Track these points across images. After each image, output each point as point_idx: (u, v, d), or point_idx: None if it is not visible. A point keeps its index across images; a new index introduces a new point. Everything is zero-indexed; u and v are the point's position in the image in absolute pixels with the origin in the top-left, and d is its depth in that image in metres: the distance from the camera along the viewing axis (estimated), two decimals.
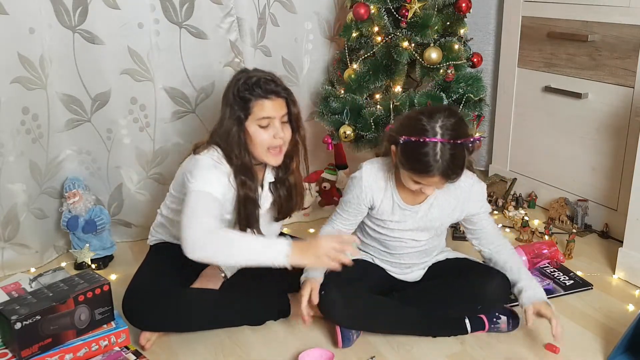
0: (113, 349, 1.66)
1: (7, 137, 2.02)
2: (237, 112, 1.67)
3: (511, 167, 2.86)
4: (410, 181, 1.58)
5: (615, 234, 2.34)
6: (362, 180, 1.70)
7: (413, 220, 1.71)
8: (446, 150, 1.49)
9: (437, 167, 1.50)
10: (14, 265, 2.16)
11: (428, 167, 1.50)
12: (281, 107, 1.70)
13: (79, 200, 2.16)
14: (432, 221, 1.72)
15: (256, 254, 1.57)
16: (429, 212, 1.71)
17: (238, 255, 1.58)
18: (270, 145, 1.69)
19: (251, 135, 1.68)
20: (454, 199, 1.70)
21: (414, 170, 1.54)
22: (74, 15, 2.05)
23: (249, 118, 1.67)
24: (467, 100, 2.24)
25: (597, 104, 2.36)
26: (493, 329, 1.74)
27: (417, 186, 1.58)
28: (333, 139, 2.43)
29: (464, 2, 2.25)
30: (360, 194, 1.70)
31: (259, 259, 1.56)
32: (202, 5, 2.21)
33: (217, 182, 1.66)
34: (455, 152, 1.50)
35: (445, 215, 1.73)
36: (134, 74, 2.19)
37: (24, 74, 2.02)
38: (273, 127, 1.68)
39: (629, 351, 1.63)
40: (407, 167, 1.56)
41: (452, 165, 1.50)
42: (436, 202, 1.70)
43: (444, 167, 1.50)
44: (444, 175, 1.51)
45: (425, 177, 1.53)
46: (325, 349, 1.66)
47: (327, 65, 2.64)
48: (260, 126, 1.68)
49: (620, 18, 2.21)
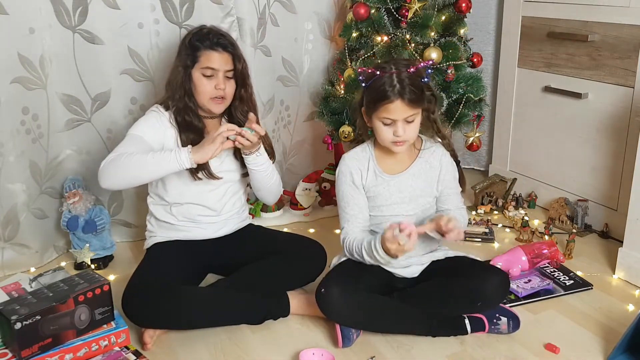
0: (113, 349, 1.66)
1: (7, 137, 2.02)
2: (185, 60, 1.82)
3: (511, 167, 2.86)
4: (381, 125, 1.66)
5: (615, 234, 2.34)
6: (344, 165, 1.79)
7: (397, 190, 1.75)
8: (402, 76, 1.62)
9: (396, 91, 1.61)
10: (14, 265, 2.16)
11: (387, 93, 1.61)
12: (227, 62, 1.82)
13: (79, 200, 2.16)
14: (414, 190, 1.76)
15: (160, 160, 1.70)
16: (410, 182, 1.76)
17: (142, 168, 1.71)
18: (211, 95, 1.83)
19: (195, 82, 1.82)
20: (430, 169, 1.77)
21: (378, 103, 1.63)
22: (74, 15, 2.05)
23: (195, 66, 1.81)
24: (467, 100, 2.25)
25: (597, 104, 2.36)
26: (493, 330, 1.74)
27: (388, 129, 1.66)
28: (333, 139, 2.43)
29: (464, 2, 2.25)
30: (347, 178, 1.77)
31: (164, 166, 1.70)
32: (202, 5, 2.21)
33: (144, 123, 1.83)
34: (410, 77, 1.62)
35: (425, 185, 1.77)
36: (133, 74, 2.19)
37: (24, 74, 2.02)
38: (216, 78, 1.81)
39: (629, 351, 1.63)
40: (372, 106, 1.66)
41: (409, 88, 1.61)
42: (415, 171, 1.76)
43: (401, 89, 1.61)
44: (403, 96, 1.61)
45: (388, 107, 1.62)
46: (325, 349, 1.66)
47: (327, 65, 2.64)
48: (204, 75, 1.81)
49: (620, 18, 2.21)
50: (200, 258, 1.95)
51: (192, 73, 1.82)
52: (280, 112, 2.63)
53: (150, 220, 1.99)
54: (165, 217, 1.94)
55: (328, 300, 1.67)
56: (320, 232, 2.47)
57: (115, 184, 1.77)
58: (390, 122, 1.65)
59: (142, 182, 1.79)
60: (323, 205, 2.68)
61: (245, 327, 1.80)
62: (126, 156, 1.71)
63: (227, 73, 1.83)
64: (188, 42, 1.83)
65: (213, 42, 1.81)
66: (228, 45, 1.83)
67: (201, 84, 1.82)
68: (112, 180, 1.74)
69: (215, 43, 1.81)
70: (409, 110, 1.63)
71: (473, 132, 2.38)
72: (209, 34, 1.82)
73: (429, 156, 1.78)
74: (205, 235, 1.97)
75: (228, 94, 1.85)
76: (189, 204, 1.91)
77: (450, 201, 1.79)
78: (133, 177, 1.74)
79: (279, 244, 2.00)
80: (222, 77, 1.82)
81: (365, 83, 1.68)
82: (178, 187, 1.89)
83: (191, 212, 1.93)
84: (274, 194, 2.02)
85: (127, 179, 1.75)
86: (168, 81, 1.88)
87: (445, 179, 1.78)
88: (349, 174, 1.77)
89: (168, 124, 1.85)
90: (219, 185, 1.92)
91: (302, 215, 2.62)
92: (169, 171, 1.73)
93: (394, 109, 1.63)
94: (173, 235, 1.95)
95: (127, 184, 1.79)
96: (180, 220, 1.93)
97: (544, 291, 1.96)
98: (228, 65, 1.83)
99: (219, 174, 1.87)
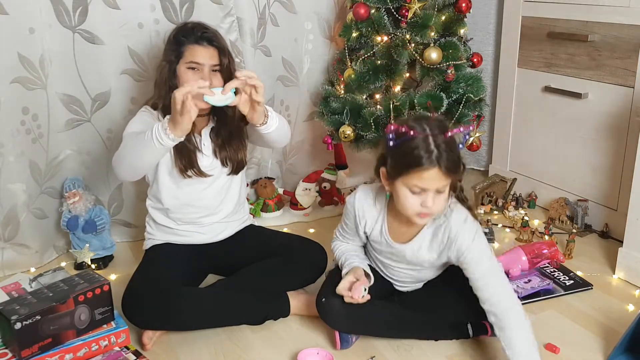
0: (113, 349, 1.66)
1: (7, 137, 2.02)
2: (170, 55, 1.78)
3: (511, 167, 2.86)
4: (408, 193, 1.46)
5: (615, 234, 2.34)
6: (354, 207, 1.66)
7: (402, 258, 1.68)
8: (439, 140, 1.41)
9: (434, 157, 1.40)
10: (14, 265, 2.16)
11: (422, 159, 1.40)
12: (212, 56, 1.77)
13: (79, 200, 2.16)
14: (422, 262, 1.66)
15: (142, 142, 1.64)
16: (417, 253, 1.63)
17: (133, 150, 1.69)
18: None
19: (180, 77, 1.77)
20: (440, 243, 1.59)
21: (408, 166, 1.42)
22: (74, 15, 2.05)
23: (180, 62, 1.77)
24: (467, 100, 2.24)
25: (597, 104, 2.36)
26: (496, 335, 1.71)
27: (416, 199, 1.46)
28: (333, 139, 2.43)
29: (464, 2, 2.25)
30: (354, 219, 1.68)
31: (148, 145, 1.63)
32: (202, 5, 2.21)
33: (137, 120, 1.82)
34: (448, 142, 1.42)
35: (434, 257, 1.62)
36: (133, 74, 2.19)
37: (24, 74, 2.02)
38: (201, 72, 1.76)
39: (629, 351, 1.63)
40: (400, 169, 1.45)
41: (448, 155, 1.41)
42: (424, 243, 1.61)
43: (439, 156, 1.40)
44: (441, 164, 1.40)
45: (422, 173, 1.41)
46: (325, 349, 1.66)
47: (327, 65, 2.64)
48: (189, 68, 1.76)
49: (620, 18, 2.21)
50: (200, 259, 1.95)
51: (177, 68, 1.78)
52: (280, 112, 2.62)
53: (150, 222, 1.98)
54: (165, 221, 1.92)
55: (329, 310, 1.66)
56: (320, 232, 2.47)
57: (124, 170, 1.74)
58: (419, 191, 1.45)
59: (142, 167, 1.75)
60: (323, 205, 2.68)
61: (245, 327, 1.80)
62: (122, 147, 1.73)
63: (213, 67, 1.77)
64: (173, 38, 1.80)
65: (197, 36, 1.76)
66: (213, 39, 1.78)
67: (186, 78, 1.75)
68: (119, 168, 1.74)
69: (199, 37, 1.76)
70: (444, 180, 1.44)
71: (473, 132, 2.38)
72: (193, 29, 1.78)
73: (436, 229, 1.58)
74: (205, 240, 1.96)
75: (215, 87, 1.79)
76: (185, 205, 1.90)
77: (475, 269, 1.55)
78: (132, 162, 1.71)
79: (279, 244, 1.99)
80: (208, 71, 1.76)
81: (394, 142, 1.44)
82: (171, 189, 1.87)
83: (189, 214, 1.92)
84: (288, 137, 1.93)
85: (128, 163, 1.71)
86: (155, 80, 1.86)
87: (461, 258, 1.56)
88: (354, 217, 1.66)
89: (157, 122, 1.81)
90: (211, 183, 1.90)
91: (302, 215, 2.62)
92: (155, 152, 1.65)
93: (428, 178, 1.42)
94: (172, 239, 1.94)
95: (133, 172, 1.75)
96: (180, 225, 1.92)
97: (544, 291, 1.96)
98: (214, 59, 1.77)
99: (209, 172, 1.86)
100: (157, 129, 1.60)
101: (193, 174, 1.83)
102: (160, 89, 1.81)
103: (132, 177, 1.79)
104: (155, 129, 1.60)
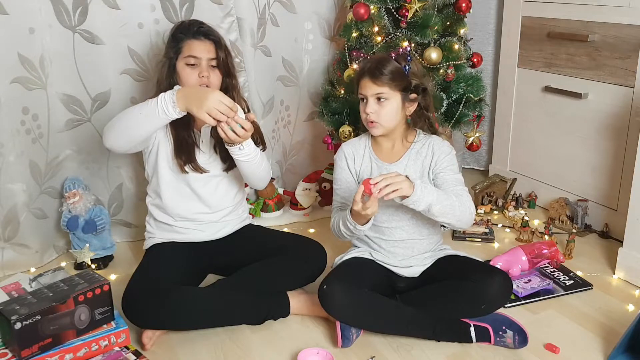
0: (113, 349, 1.66)
1: (7, 137, 2.02)
2: (170, 52, 1.84)
3: (511, 167, 2.86)
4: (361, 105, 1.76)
5: (615, 234, 2.34)
6: (340, 150, 1.86)
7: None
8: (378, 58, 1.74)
9: (366, 69, 1.71)
10: (14, 265, 2.16)
11: (359, 72, 1.75)
12: (209, 50, 1.82)
13: (79, 200, 2.16)
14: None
15: (144, 107, 1.65)
16: (403, 171, 1.75)
17: (132, 120, 1.68)
18: (196, 84, 1.80)
19: (179, 73, 1.82)
20: (422, 157, 1.80)
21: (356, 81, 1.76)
22: (74, 15, 2.05)
23: (179, 57, 1.82)
24: (467, 100, 2.25)
25: (597, 104, 2.36)
26: (499, 343, 1.70)
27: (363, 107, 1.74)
28: (333, 139, 2.43)
29: (464, 2, 2.25)
30: (343, 163, 1.84)
31: (151, 111, 1.64)
32: (202, 5, 2.22)
33: None
34: (382, 58, 1.74)
35: (419, 173, 1.79)
36: (133, 74, 2.19)
37: (24, 74, 2.02)
38: (199, 67, 1.81)
39: (629, 351, 1.63)
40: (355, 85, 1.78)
41: (377, 66, 1.70)
42: (409, 162, 1.80)
43: (370, 67, 1.71)
44: (370, 73, 1.70)
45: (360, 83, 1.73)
46: (325, 349, 1.66)
47: (327, 65, 2.64)
48: (187, 64, 1.80)
49: (620, 18, 2.21)
50: (200, 258, 1.95)
51: (177, 64, 1.83)
52: (280, 112, 2.63)
53: (149, 221, 1.99)
54: (164, 218, 1.93)
55: (330, 296, 1.67)
56: (320, 232, 2.47)
57: (117, 142, 1.72)
58: (363, 99, 1.74)
59: (135, 135, 1.72)
60: (323, 205, 2.68)
61: (245, 327, 1.80)
62: (121, 114, 1.72)
63: (210, 62, 1.82)
64: (171, 36, 1.86)
65: (194, 31, 1.83)
66: (209, 33, 1.84)
67: (185, 73, 1.81)
68: (111, 138, 1.71)
69: (195, 32, 1.83)
70: (375, 88, 1.70)
71: (473, 132, 2.38)
72: (190, 25, 1.85)
73: (421, 147, 1.80)
74: (204, 237, 1.96)
75: (213, 83, 1.83)
76: (184, 199, 1.91)
77: (445, 186, 1.74)
78: (131, 131, 1.70)
79: (279, 244, 1.99)
80: (206, 65, 1.81)
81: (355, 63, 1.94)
82: (170, 182, 1.89)
83: (188, 210, 1.92)
84: (263, 180, 1.97)
85: (127, 134, 1.71)
86: (157, 78, 1.90)
87: (438, 164, 1.78)
88: (344, 158, 1.84)
89: None
90: (209, 179, 1.91)
91: (302, 215, 2.62)
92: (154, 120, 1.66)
93: (363, 86, 1.73)
94: (172, 237, 1.95)
95: (126, 138, 1.72)
96: (178, 220, 1.93)
97: (544, 291, 1.96)
98: (211, 53, 1.82)
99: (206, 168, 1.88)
100: (164, 98, 1.63)
101: (190, 169, 1.86)
102: (161, 85, 1.85)
103: (120, 145, 1.75)
104: (162, 98, 1.63)
